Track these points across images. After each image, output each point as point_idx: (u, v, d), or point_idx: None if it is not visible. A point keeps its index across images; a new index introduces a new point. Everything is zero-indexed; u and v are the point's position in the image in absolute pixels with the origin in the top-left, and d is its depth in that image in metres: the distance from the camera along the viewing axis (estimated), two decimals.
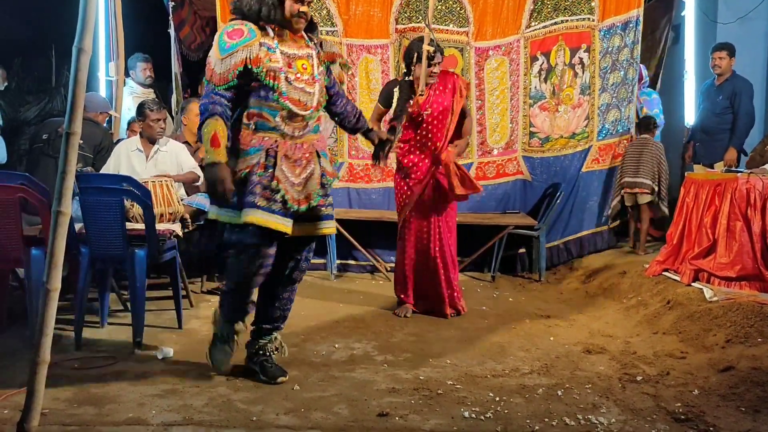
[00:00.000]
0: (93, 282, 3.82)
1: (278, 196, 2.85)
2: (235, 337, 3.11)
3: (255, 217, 2.80)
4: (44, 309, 2.16)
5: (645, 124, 5.65)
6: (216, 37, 2.86)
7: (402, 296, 4.36)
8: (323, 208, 3.02)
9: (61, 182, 2.17)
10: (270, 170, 2.85)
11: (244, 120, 2.89)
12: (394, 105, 4.15)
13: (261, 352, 3.11)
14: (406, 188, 4.25)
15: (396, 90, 4.19)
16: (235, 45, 2.80)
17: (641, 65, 5.98)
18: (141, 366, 3.26)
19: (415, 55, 4.06)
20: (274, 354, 3.14)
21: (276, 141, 2.88)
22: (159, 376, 3.11)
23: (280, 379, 3.03)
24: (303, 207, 2.92)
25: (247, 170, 2.84)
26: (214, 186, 2.77)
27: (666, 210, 5.39)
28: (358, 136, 5.49)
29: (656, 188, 5.40)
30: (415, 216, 4.26)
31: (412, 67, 4.13)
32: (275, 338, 3.17)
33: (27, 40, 6.75)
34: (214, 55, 2.82)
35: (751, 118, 5.61)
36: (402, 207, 4.28)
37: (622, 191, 5.59)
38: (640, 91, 5.96)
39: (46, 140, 4.81)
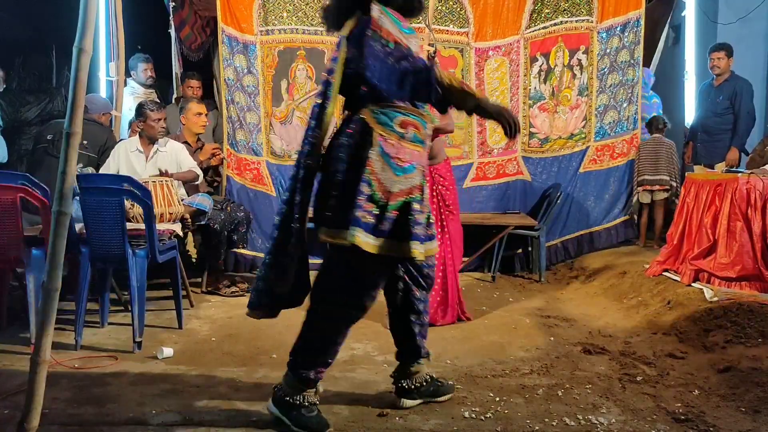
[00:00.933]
0: (93, 282, 3.82)
1: (425, 220, 2.60)
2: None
3: (417, 251, 2.47)
4: (44, 309, 2.16)
5: (655, 124, 5.76)
6: (376, 17, 2.41)
7: None
8: (432, 225, 2.78)
9: (61, 182, 2.17)
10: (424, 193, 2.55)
11: (397, 128, 2.47)
12: None
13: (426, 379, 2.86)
14: None
15: None
16: (409, 30, 2.51)
17: (646, 68, 6.00)
18: (141, 366, 3.26)
19: None
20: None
21: (423, 156, 2.55)
22: (159, 376, 3.11)
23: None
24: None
25: (409, 195, 2.47)
26: (510, 116, 2.38)
27: None
28: None
29: (674, 184, 5.50)
30: None
31: None
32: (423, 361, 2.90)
33: (27, 39, 6.75)
34: (390, 26, 2.41)
35: (752, 118, 5.64)
36: None
37: (641, 189, 5.65)
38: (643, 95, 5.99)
39: (51, 141, 4.83)
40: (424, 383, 2.83)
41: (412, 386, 2.81)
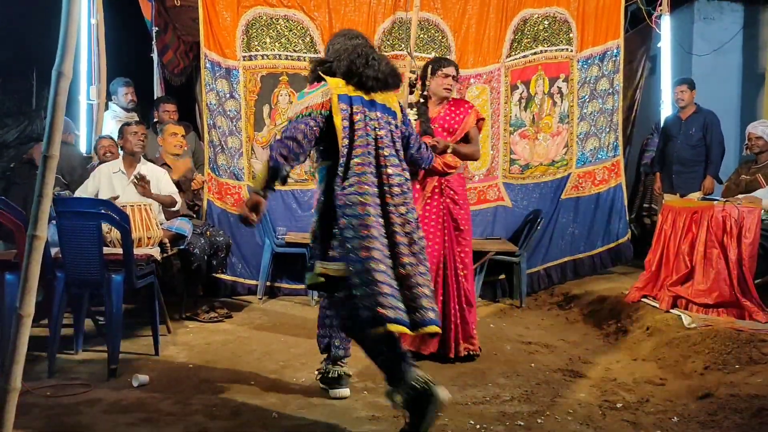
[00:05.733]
0: (68, 307, 3.75)
1: None
2: None
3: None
4: (16, 335, 2.11)
5: None
6: None
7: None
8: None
9: (37, 206, 2.14)
10: None
11: None
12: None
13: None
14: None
15: (413, 111, 3.99)
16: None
17: None
18: (115, 394, 3.19)
19: (429, 67, 3.98)
20: None
21: None
22: (133, 405, 3.04)
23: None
24: None
25: None
26: None
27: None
28: None
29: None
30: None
31: (427, 81, 3.98)
32: None
33: (7, 61, 6.71)
34: None
35: (723, 148, 5.88)
36: None
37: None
38: None
39: (13, 168, 4.80)
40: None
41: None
